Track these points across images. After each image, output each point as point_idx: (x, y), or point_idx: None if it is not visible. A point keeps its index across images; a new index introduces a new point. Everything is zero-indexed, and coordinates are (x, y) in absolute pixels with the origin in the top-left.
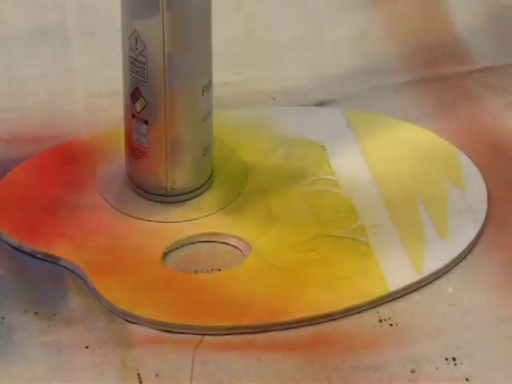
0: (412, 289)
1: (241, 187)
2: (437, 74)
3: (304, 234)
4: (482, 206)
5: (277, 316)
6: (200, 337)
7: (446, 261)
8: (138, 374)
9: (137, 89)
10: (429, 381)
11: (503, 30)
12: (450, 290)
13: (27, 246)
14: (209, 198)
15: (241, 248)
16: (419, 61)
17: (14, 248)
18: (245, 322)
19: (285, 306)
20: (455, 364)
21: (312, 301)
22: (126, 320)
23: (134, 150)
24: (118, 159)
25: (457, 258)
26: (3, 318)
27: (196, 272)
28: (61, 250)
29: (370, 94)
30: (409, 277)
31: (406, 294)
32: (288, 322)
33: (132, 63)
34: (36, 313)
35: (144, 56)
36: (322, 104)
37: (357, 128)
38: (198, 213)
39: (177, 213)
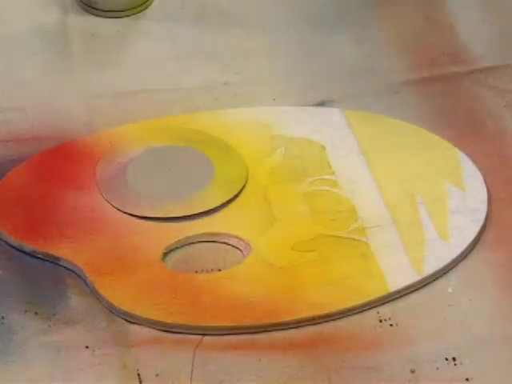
0: (412, 289)
1: (241, 187)
2: (437, 73)
3: (304, 234)
4: (481, 206)
5: (277, 316)
6: (200, 337)
7: (446, 261)
8: (138, 374)
9: None
10: (429, 381)
11: (503, 30)
12: (449, 290)
13: (27, 245)
14: (209, 197)
15: (241, 248)
16: (419, 61)
17: (14, 248)
18: (245, 322)
19: (285, 305)
20: (455, 364)
21: (312, 301)
22: (126, 320)
23: None
24: (117, 159)
25: (457, 258)
26: (3, 317)
27: (196, 272)
28: (61, 250)
29: (370, 94)
30: (409, 277)
31: (406, 294)
32: (288, 321)
33: None
34: (36, 313)
35: None
36: (322, 104)
37: (357, 128)
38: (198, 209)
39: (177, 209)
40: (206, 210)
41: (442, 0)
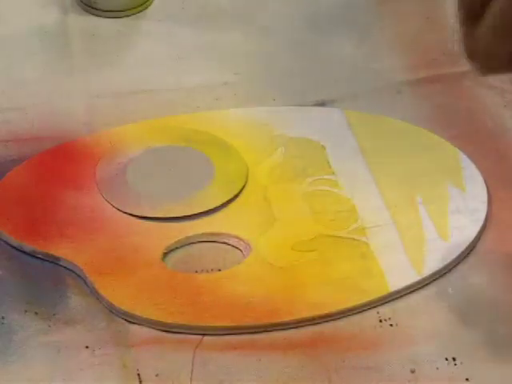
0: (412, 289)
1: (241, 187)
2: (437, 73)
3: (304, 234)
4: (482, 206)
5: (277, 316)
6: (200, 337)
7: (446, 261)
8: (138, 374)
9: None
10: (429, 381)
11: None
12: (449, 290)
13: (27, 245)
14: (209, 197)
15: (241, 248)
16: (419, 61)
17: (14, 248)
18: (245, 322)
19: (285, 305)
20: (455, 364)
21: (312, 301)
22: (126, 320)
23: None
24: (118, 159)
25: (457, 258)
26: (3, 317)
27: (196, 272)
28: (61, 250)
29: (370, 94)
30: (409, 277)
31: (406, 294)
32: (288, 322)
33: None
34: (36, 313)
35: None
36: (322, 104)
37: (357, 128)
38: (198, 209)
39: (177, 209)
40: (206, 209)
41: (442, 0)
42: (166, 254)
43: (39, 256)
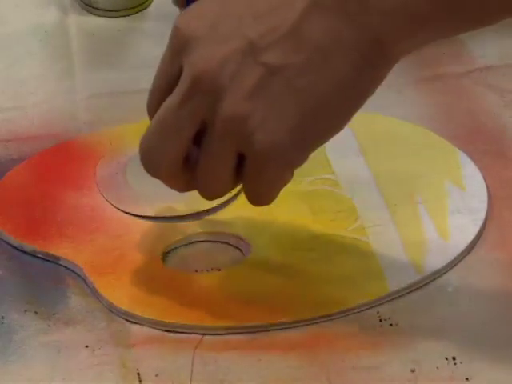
0: (412, 289)
1: (241, 187)
2: (437, 73)
3: (304, 233)
4: (482, 206)
5: (277, 316)
6: (200, 337)
7: (446, 261)
8: (138, 374)
9: None
10: (429, 381)
11: (503, 30)
12: (449, 290)
13: (27, 245)
14: None
15: (241, 248)
16: (419, 61)
17: (14, 248)
18: (245, 321)
19: (285, 305)
20: (455, 364)
21: (312, 301)
22: (126, 320)
23: None
24: (118, 159)
25: (457, 258)
26: (3, 317)
27: (196, 272)
28: (61, 249)
29: None
30: (409, 277)
31: (406, 294)
32: (288, 322)
33: None
34: (36, 313)
35: None
36: None
37: (357, 127)
38: (198, 208)
39: (177, 209)
40: (206, 209)
41: None
42: (166, 254)
43: (39, 256)
